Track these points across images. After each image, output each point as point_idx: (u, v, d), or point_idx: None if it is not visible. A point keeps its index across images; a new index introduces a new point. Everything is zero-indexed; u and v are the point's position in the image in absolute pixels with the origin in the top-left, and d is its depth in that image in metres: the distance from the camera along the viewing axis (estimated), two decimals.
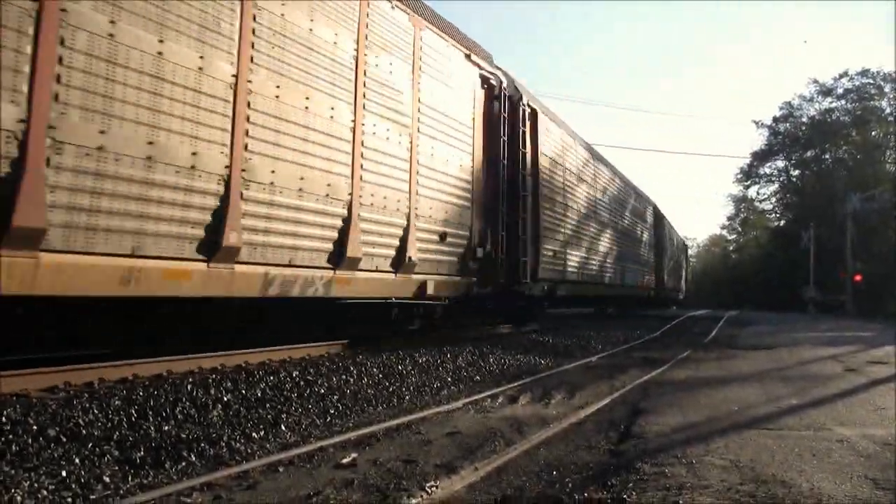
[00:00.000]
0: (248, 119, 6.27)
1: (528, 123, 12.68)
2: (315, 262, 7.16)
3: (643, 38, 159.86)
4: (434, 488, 3.40)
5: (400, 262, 8.65)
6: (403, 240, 8.72)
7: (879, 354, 10.81)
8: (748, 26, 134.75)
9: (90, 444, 3.74)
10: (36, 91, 4.54)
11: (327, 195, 7.29)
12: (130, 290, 5.18)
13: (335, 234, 7.44)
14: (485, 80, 11.22)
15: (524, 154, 12.39)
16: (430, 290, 9.33)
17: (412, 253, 8.85)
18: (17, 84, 4.45)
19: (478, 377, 7.45)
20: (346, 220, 7.59)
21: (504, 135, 11.65)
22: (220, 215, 5.97)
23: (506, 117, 11.74)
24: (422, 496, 3.29)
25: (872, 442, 4.44)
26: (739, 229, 70.15)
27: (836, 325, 21.38)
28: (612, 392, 6.63)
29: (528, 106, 12.81)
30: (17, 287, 4.45)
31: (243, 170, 6.20)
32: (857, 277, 35.97)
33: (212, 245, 5.90)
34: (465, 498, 3.36)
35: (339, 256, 7.48)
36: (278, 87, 6.65)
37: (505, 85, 11.87)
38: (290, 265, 6.80)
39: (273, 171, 6.56)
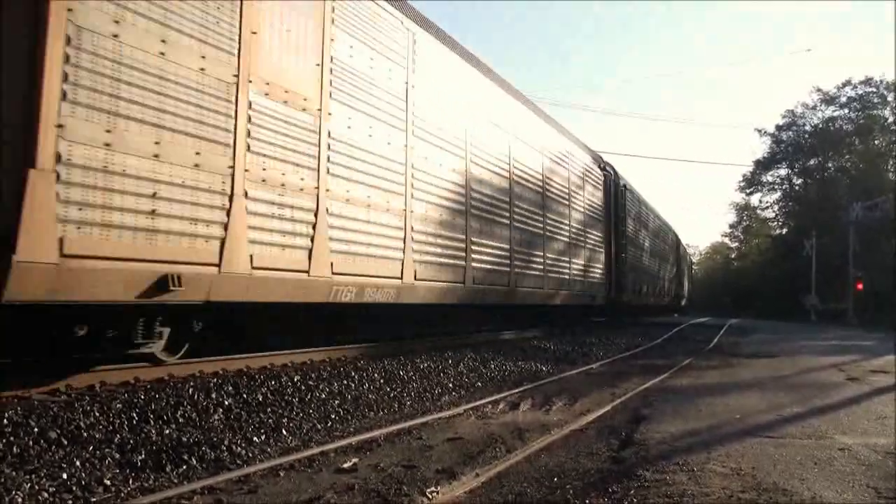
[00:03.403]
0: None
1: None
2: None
3: (642, 44, 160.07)
4: (435, 494, 3.40)
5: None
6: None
7: (881, 364, 10.78)
8: (753, 32, 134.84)
9: (91, 447, 3.74)
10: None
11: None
12: None
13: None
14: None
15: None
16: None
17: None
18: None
19: (479, 383, 7.44)
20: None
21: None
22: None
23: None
24: (422, 501, 3.29)
25: (874, 451, 4.43)
26: (741, 237, 70.09)
27: (838, 334, 21.33)
28: (614, 399, 6.62)
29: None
30: None
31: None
32: (859, 286, 35.91)
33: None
34: None
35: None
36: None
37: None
38: None
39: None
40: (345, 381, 6.27)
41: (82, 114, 4.53)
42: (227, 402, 5.00)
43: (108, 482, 3.30)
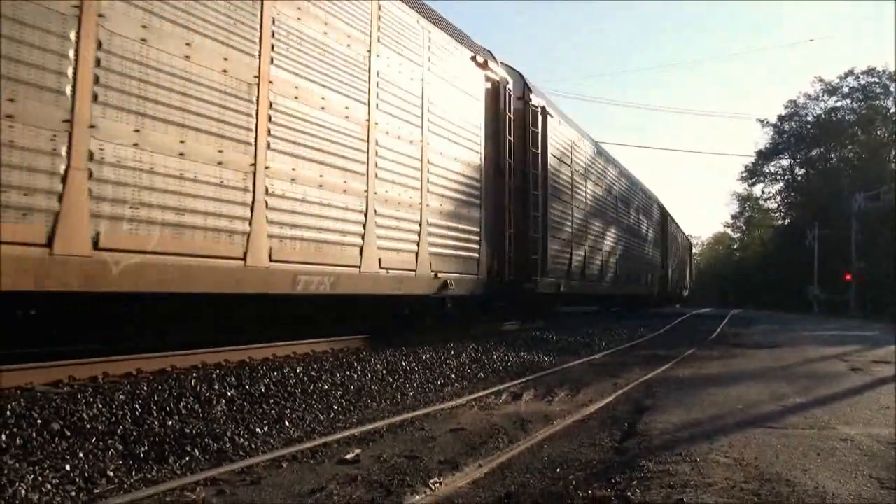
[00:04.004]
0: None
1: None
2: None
3: (642, 37, 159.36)
4: (437, 484, 3.39)
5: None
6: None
7: (884, 354, 10.78)
8: (754, 23, 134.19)
9: (94, 439, 3.74)
10: None
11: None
12: None
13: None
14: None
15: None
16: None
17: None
18: None
19: (481, 374, 7.45)
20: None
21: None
22: None
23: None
24: (425, 492, 3.29)
25: (877, 441, 4.43)
26: (744, 228, 70.10)
27: (841, 324, 21.34)
28: (616, 389, 6.62)
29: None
30: None
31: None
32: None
33: None
34: (469, 494, 3.36)
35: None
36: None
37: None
38: None
39: None
40: (347, 372, 6.27)
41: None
42: (229, 394, 5.00)
43: (112, 473, 3.30)
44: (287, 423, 4.61)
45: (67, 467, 3.29)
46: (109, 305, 5.57)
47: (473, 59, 10.77)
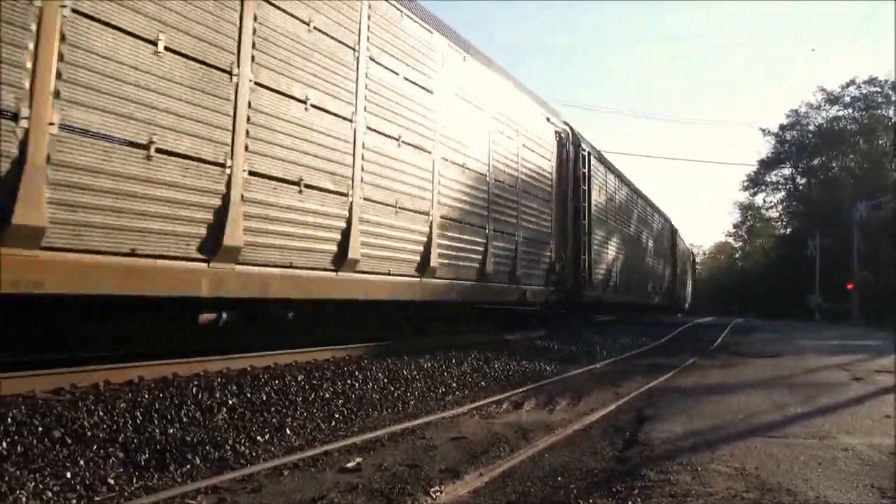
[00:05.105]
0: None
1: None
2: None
3: (641, 41, 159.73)
4: (438, 493, 3.39)
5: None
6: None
7: (886, 363, 10.74)
8: (754, 32, 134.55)
9: (95, 446, 3.75)
10: None
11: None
12: None
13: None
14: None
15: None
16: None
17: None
18: None
19: (483, 383, 7.44)
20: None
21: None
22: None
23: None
24: (426, 501, 3.29)
25: (878, 451, 4.42)
26: (745, 237, 70.07)
27: (842, 334, 21.28)
28: (618, 399, 6.61)
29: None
30: None
31: None
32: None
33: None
34: (470, 503, 3.36)
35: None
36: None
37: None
38: None
39: None
40: (348, 381, 6.27)
41: None
42: (231, 402, 5.00)
43: (112, 481, 3.31)
44: (288, 431, 4.61)
45: (68, 475, 3.29)
46: None
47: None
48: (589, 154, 16.31)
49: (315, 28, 7.06)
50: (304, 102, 6.86)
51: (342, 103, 7.45)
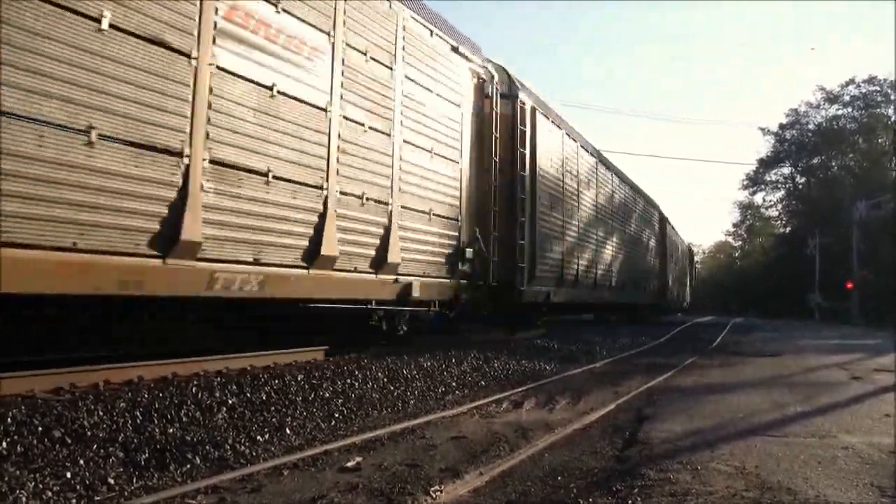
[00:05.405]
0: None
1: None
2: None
3: (640, 39, 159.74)
4: (438, 493, 3.40)
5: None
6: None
7: (885, 362, 10.75)
8: (754, 30, 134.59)
9: (95, 446, 3.75)
10: None
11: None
12: None
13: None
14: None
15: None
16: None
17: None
18: None
19: (483, 382, 7.44)
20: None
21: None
22: None
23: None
24: (426, 500, 3.29)
25: (878, 450, 4.42)
26: (745, 236, 70.13)
27: (842, 333, 21.30)
28: (617, 398, 6.61)
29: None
30: None
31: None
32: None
33: None
34: (470, 502, 3.36)
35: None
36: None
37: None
38: None
39: None
40: (348, 380, 6.27)
41: None
42: (230, 401, 5.00)
43: (112, 481, 3.31)
44: (288, 430, 4.61)
45: (68, 475, 3.29)
46: None
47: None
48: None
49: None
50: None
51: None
